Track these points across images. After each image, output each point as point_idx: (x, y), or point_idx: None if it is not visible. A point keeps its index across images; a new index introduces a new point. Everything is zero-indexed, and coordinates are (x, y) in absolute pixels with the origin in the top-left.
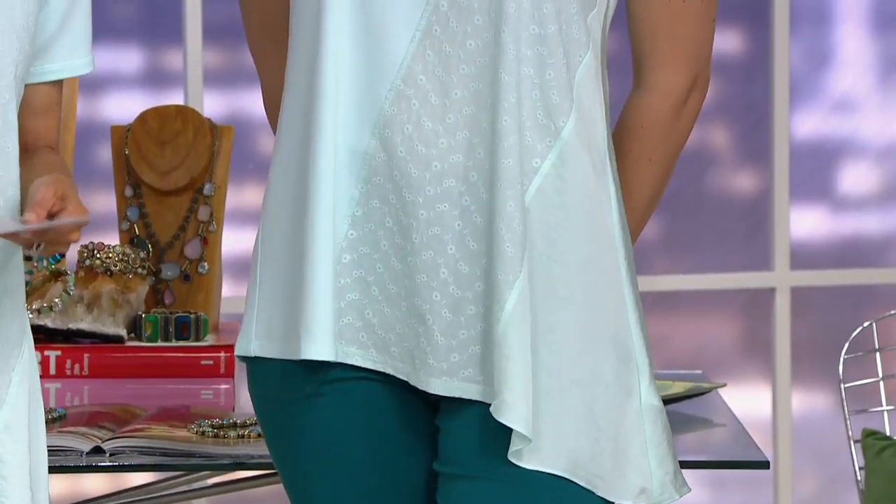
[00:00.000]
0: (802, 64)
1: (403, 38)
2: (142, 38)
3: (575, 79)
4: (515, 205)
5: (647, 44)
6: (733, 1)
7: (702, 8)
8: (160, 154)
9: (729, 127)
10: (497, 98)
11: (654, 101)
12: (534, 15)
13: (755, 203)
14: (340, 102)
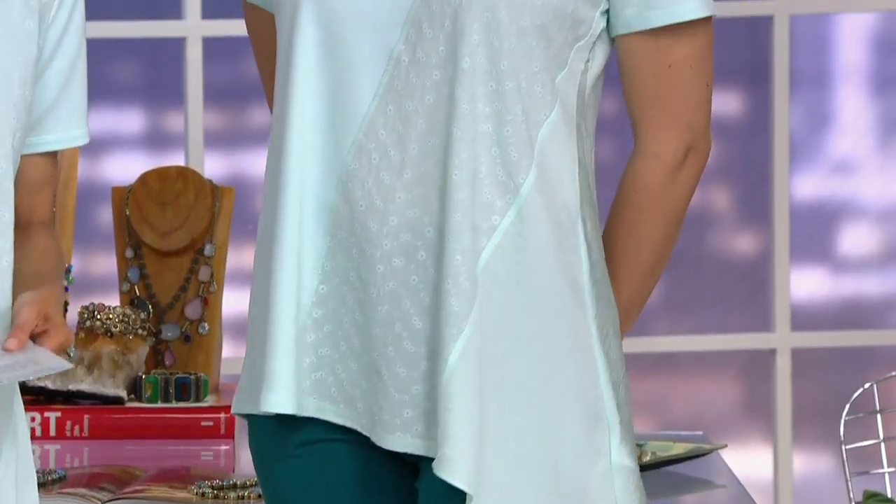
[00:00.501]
0: (802, 125)
1: (367, 93)
2: (143, 99)
3: (537, 137)
4: (463, 259)
5: (638, 108)
6: (733, 62)
7: (692, 72)
8: (161, 215)
9: (729, 188)
10: (449, 153)
11: (645, 165)
12: (491, 71)
13: (755, 264)
14: (307, 157)
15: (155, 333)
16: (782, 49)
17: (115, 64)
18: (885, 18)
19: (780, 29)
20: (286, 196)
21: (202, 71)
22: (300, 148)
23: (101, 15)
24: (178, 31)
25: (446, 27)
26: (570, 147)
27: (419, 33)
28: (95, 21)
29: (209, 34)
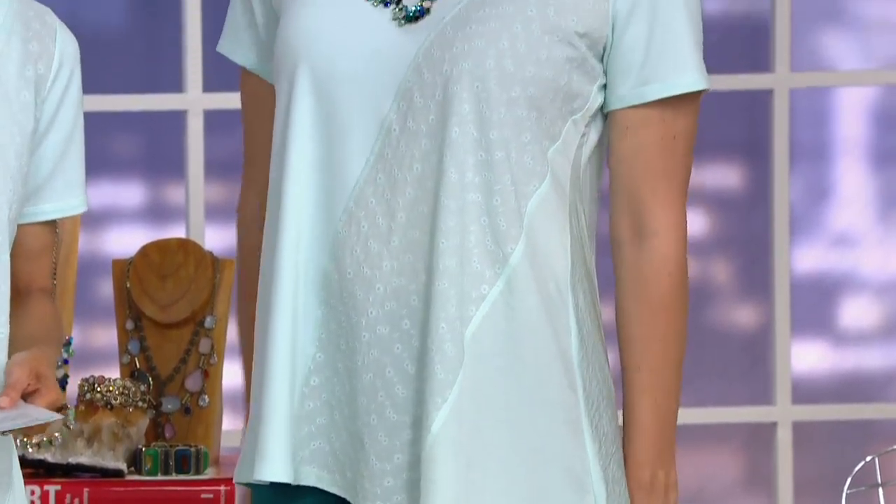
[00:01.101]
0: (802, 198)
1: (359, 161)
2: (144, 172)
3: (526, 207)
4: (448, 327)
5: (646, 185)
6: (733, 135)
7: (689, 144)
8: (161, 287)
9: (729, 260)
10: (436, 221)
11: (665, 246)
12: (480, 141)
13: (756, 336)
14: (302, 225)
15: (155, 406)
16: (782, 122)
17: (116, 137)
18: (885, 92)
19: (780, 102)
20: (282, 264)
21: (203, 143)
22: (295, 216)
23: (102, 88)
24: (180, 104)
25: (437, 96)
26: (562, 219)
27: (410, 103)
28: (96, 94)
29: (210, 107)
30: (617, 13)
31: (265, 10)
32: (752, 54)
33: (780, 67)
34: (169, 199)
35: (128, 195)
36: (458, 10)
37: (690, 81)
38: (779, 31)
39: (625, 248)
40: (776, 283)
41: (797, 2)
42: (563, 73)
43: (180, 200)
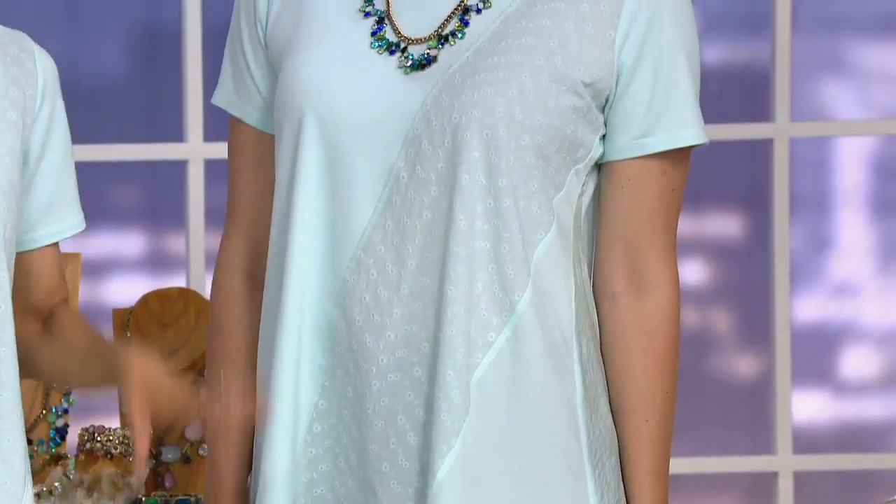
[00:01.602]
0: (802, 248)
1: (367, 209)
2: (144, 221)
3: (533, 256)
4: (455, 374)
5: (646, 237)
6: (733, 185)
7: (681, 195)
8: (162, 336)
9: (730, 310)
10: (446, 268)
11: (667, 297)
12: (489, 188)
13: (757, 386)
14: (308, 275)
15: (155, 455)
16: (782, 172)
17: (117, 186)
18: (884, 142)
19: (780, 152)
20: (286, 312)
21: (204, 193)
22: (301, 265)
23: (103, 138)
24: (180, 153)
25: (446, 144)
26: (567, 268)
27: (419, 150)
28: (97, 144)
29: (211, 156)
30: (622, 64)
31: (260, 60)
32: (753, 104)
33: (781, 117)
34: (169, 248)
35: (128, 244)
36: (466, 57)
37: (693, 135)
38: (779, 81)
39: (620, 300)
40: (776, 333)
41: (797, 52)
42: (570, 122)
43: (181, 250)
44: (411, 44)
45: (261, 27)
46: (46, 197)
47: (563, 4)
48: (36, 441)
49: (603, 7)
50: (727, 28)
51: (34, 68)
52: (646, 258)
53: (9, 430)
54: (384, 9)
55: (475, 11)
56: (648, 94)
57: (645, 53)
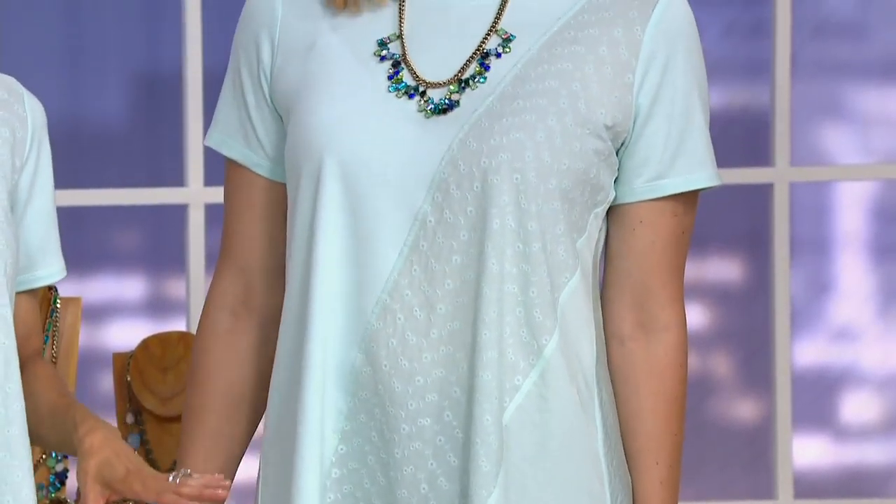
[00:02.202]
0: (803, 292)
1: (391, 254)
2: (145, 265)
3: (559, 299)
4: (492, 419)
5: (657, 279)
6: (734, 229)
7: (690, 237)
8: (162, 380)
9: (730, 354)
10: (479, 312)
11: (676, 338)
12: (518, 232)
13: (757, 431)
14: (330, 319)
15: None
16: (782, 216)
17: (118, 231)
18: (884, 187)
19: (780, 196)
20: (310, 361)
21: (204, 237)
22: (324, 312)
23: (104, 183)
24: (181, 197)
25: (475, 188)
26: (588, 312)
27: (446, 194)
28: (98, 189)
29: (211, 201)
30: (639, 107)
31: (262, 109)
32: (753, 148)
33: (781, 162)
34: (170, 292)
35: (129, 288)
36: (490, 101)
37: (707, 177)
38: (779, 126)
39: (628, 343)
40: (777, 377)
41: (797, 96)
42: (593, 165)
43: (181, 293)
44: (430, 87)
45: (264, 76)
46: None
47: (583, 48)
48: (36, 485)
49: (621, 51)
50: (727, 72)
51: (24, 111)
52: (655, 300)
53: (17, 466)
54: (400, 52)
55: (495, 56)
56: (664, 137)
57: (661, 96)
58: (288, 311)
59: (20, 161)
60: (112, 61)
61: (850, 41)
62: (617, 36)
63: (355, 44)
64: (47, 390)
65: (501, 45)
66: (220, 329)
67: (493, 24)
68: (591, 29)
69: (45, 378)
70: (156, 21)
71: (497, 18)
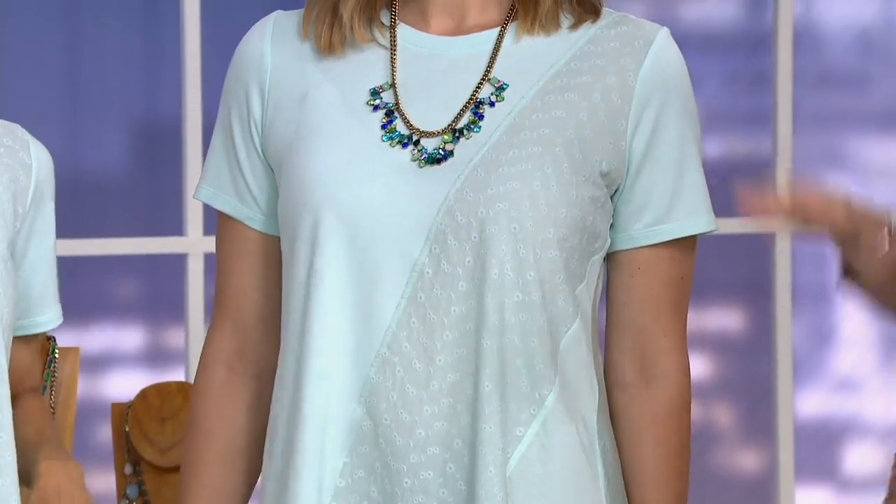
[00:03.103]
0: (805, 342)
1: (389, 306)
2: (144, 315)
3: (560, 348)
4: (496, 470)
5: (657, 326)
6: (735, 279)
7: (690, 283)
8: (161, 431)
9: (732, 405)
10: (480, 364)
11: (678, 385)
12: (518, 282)
13: (760, 482)
14: (328, 374)
15: None
16: (784, 265)
17: (117, 280)
18: None
19: (782, 245)
20: (308, 415)
21: (203, 286)
22: (322, 366)
23: (103, 232)
24: (180, 247)
25: (473, 238)
26: (588, 361)
27: (444, 245)
28: (97, 238)
29: (211, 250)
30: (633, 153)
31: (253, 161)
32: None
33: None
34: (169, 342)
35: (128, 338)
36: (485, 150)
37: (704, 223)
38: (780, 176)
39: (630, 390)
40: (780, 428)
41: (798, 146)
42: (590, 213)
43: (180, 343)
44: (424, 136)
45: (255, 128)
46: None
47: (576, 95)
48: None
49: (614, 97)
50: (729, 122)
51: (28, 159)
52: (656, 346)
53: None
54: (393, 101)
55: (488, 105)
56: (660, 182)
57: (655, 141)
58: (284, 365)
59: (22, 209)
60: (112, 110)
61: (852, 91)
62: (610, 83)
63: (347, 93)
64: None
65: (495, 94)
66: (217, 383)
67: (486, 73)
68: (583, 76)
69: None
70: (155, 70)
71: (489, 67)
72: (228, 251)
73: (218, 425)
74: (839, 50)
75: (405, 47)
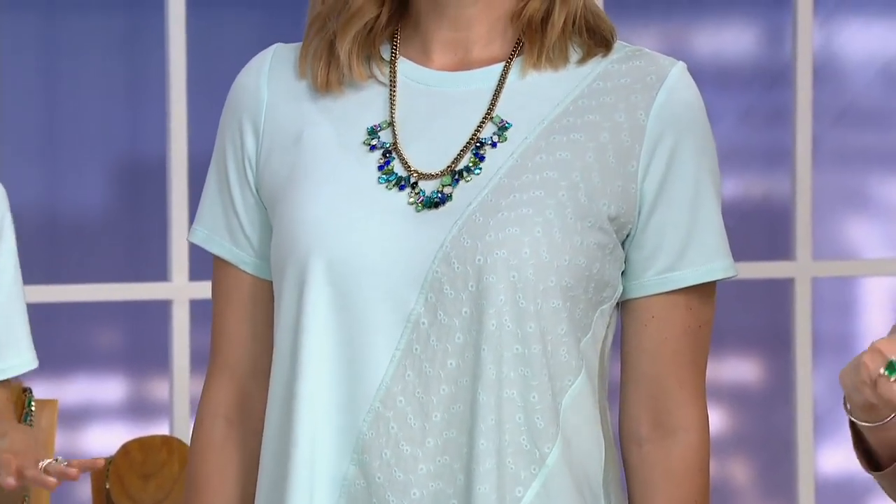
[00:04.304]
0: (826, 394)
1: (383, 359)
2: (125, 366)
3: (562, 404)
4: None
5: (673, 378)
6: (752, 327)
7: (710, 331)
8: (143, 488)
9: (749, 461)
10: (475, 419)
11: (696, 440)
12: (517, 333)
13: None
14: (318, 430)
15: None
16: (804, 313)
17: (97, 329)
18: None
19: (802, 292)
20: (296, 473)
21: (189, 335)
22: (311, 420)
23: (82, 278)
24: (164, 293)
25: (470, 287)
26: (594, 417)
27: (440, 294)
28: (76, 284)
29: (197, 297)
30: (644, 195)
31: (248, 202)
32: (772, 241)
33: (802, 255)
34: (152, 393)
35: (108, 390)
36: (485, 194)
37: (722, 268)
38: (800, 217)
39: (645, 445)
40: (800, 486)
41: (819, 186)
42: (596, 260)
43: (164, 395)
44: (422, 178)
45: (250, 167)
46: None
47: (583, 136)
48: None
49: (623, 137)
50: (745, 161)
51: None
52: (672, 399)
53: None
54: (391, 141)
55: (490, 145)
56: (673, 226)
57: (669, 183)
58: (271, 420)
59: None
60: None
61: (875, 128)
62: (619, 121)
63: (344, 132)
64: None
65: (497, 134)
66: (216, 439)
67: (489, 111)
68: (591, 115)
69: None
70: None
71: (492, 104)
72: (223, 297)
73: (219, 484)
74: (861, 84)
75: (405, 83)
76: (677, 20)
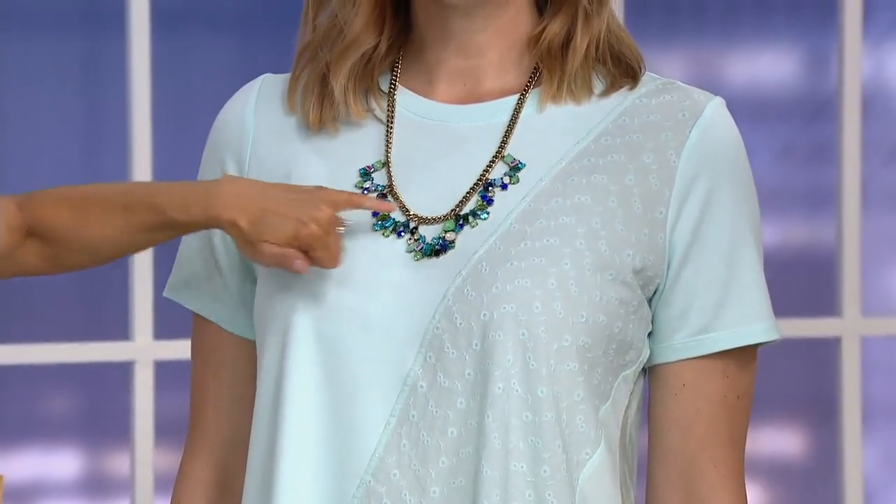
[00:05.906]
0: (878, 469)
1: (376, 425)
2: (82, 435)
3: (578, 479)
4: None
5: (704, 455)
6: (795, 393)
7: (750, 402)
8: None
9: None
10: (478, 496)
11: None
12: (526, 399)
13: None
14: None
15: None
16: (852, 376)
17: (50, 394)
18: None
19: (850, 352)
20: None
21: (153, 401)
22: (294, 496)
23: (34, 337)
24: (126, 353)
25: (474, 346)
26: (615, 493)
27: (440, 354)
28: (28, 344)
29: (162, 357)
30: (675, 246)
31: (231, 252)
32: (816, 295)
33: (850, 311)
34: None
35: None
36: (492, 242)
37: (763, 330)
38: (847, 268)
39: None
40: None
41: (867, 233)
42: (618, 318)
43: (125, 470)
44: (422, 223)
45: None
46: None
47: (605, 178)
48: None
49: (651, 179)
50: (784, 204)
51: None
52: (705, 480)
53: None
54: (386, 183)
55: (500, 187)
56: (707, 282)
57: (702, 233)
58: (249, 498)
59: None
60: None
61: None
62: (647, 162)
63: (336, 173)
64: None
65: (508, 175)
66: None
67: (500, 149)
68: (615, 154)
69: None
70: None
71: (504, 142)
72: (203, 359)
73: None
74: None
75: (405, 116)
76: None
